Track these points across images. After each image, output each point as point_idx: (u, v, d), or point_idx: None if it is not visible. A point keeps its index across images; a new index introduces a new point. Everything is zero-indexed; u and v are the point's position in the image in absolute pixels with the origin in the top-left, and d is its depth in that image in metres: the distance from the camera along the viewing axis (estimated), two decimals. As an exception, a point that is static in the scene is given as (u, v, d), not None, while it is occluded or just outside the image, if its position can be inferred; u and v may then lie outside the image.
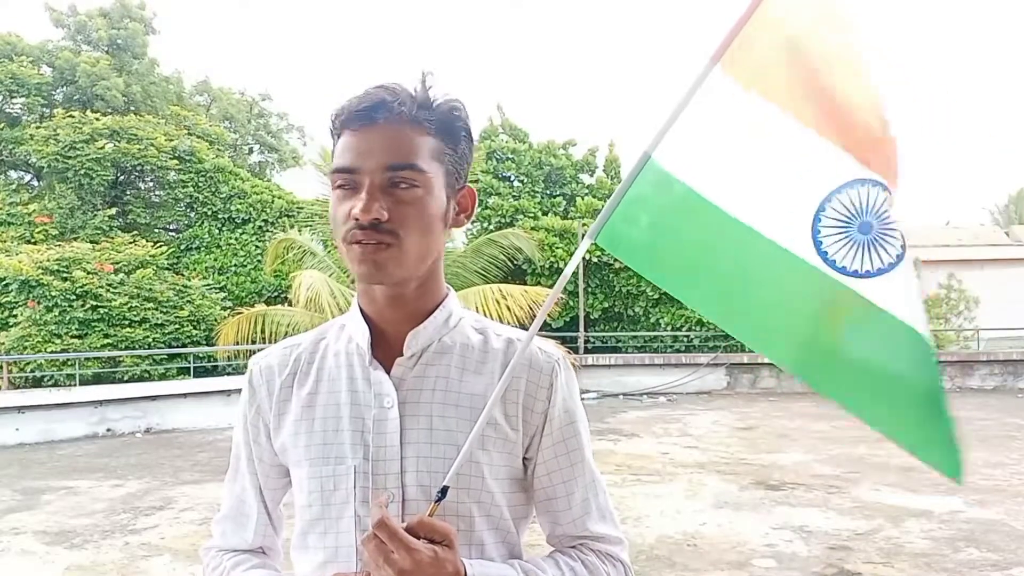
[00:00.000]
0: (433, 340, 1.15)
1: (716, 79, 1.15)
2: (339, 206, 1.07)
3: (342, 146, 1.07)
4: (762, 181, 1.18)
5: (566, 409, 1.17)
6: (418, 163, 1.06)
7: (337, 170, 1.07)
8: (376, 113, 1.05)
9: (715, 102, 1.15)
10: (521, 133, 18.93)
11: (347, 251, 1.06)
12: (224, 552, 1.26)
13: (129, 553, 5.82)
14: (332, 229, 1.10)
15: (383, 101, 1.05)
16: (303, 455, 1.13)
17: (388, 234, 1.04)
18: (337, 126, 1.09)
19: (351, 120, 1.07)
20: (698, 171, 1.17)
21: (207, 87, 23.84)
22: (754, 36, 1.16)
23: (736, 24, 1.15)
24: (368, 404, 1.12)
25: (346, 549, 1.10)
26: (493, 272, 14.19)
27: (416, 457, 1.09)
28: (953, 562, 5.30)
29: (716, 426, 11.49)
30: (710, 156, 1.18)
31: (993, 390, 15.10)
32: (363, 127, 1.06)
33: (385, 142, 1.05)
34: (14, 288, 12.78)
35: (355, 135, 1.06)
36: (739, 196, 1.18)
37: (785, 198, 1.18)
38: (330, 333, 1.22)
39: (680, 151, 1.16)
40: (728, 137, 1.18)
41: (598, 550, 1.18)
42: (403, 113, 1.06)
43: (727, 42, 1.15)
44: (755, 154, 1.18)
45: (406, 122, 1.06)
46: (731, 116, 1.17)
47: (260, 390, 1.20)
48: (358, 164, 1.05)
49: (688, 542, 5.84)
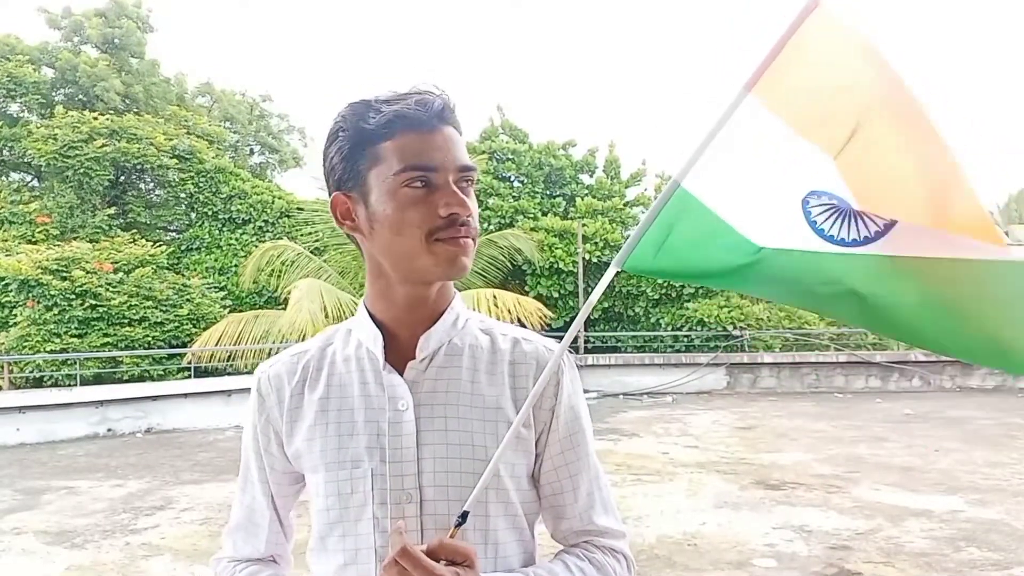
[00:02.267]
0: (443, 342, 1.17)
1: (747, 106, 1.15)
2: (414, 206, 1.07)
3: (413, 146, 1.07)
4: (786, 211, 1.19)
5: (571, 406, 1.20)
6: (474, 165, 1.12)
7: (414, 168, 1.06)
8: (445, 116, 1.09)
9: (747, 130, 1.16)
10: (521, 134, 18.94)
11: (431, 249, 1.07)
12: (237, 563, 1.27)
13: (129, 553, 5.82)
14: (394, 232, 1.08)
15: (446, 105, 1.09)
16: (319, 460, 1.14)
17: (472, 229, 1.09)
18: (394, 127, 1.07)
19: (424, 122, 1.08)
20: (727, 199, 1.18)
21: (208, 88, 23.84)
22: (787, 65, 1.15)
23: (771, 52, 1.16)
24: (382, 407, 1.13)
25: (365, 551, 1.11)
26: (493, 273, 14.20)
27: (433, 459, 1.11)
28: (954, 562, 5.30)
29: (716, 426, 11.48)
30: (739, 184, 1.19)
31: (993, 390, 15.10)
32: (435, 128, 1.08)
33: (454, 144, 1.09)
34: (14, 288, 12.78)
35: (428, 135, 1.08)
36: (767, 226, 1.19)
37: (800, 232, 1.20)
38: (337, 338, 1.23)
39: (709, 178, 1.17)
40: (756, 165, 1.19)
41: (602, 546, 1.21)
42: (454, 116, 1.12)
43: (761, 70, 1.15)
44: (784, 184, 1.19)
45: (456, 126, 1.12)
46: (760, 144, 1.17)
47: (269, 398, 1.20)
48: (438, 163, 1.07)
49: (688, 542, 5.84)
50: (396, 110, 1.07)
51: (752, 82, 1.15)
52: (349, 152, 1.10)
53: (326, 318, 10.50)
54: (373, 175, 1.08)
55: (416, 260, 1.08)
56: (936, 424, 11.13)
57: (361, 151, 1.09)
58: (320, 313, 10.49)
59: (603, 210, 17.30)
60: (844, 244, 1.19)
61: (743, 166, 1.18)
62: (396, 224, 1.08)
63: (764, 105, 1.16)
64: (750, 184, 1.19)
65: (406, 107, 1.07)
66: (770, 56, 1.15)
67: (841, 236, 1.19)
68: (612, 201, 17.66)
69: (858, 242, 1.19)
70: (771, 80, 1.15)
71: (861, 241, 1.19)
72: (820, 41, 1.17)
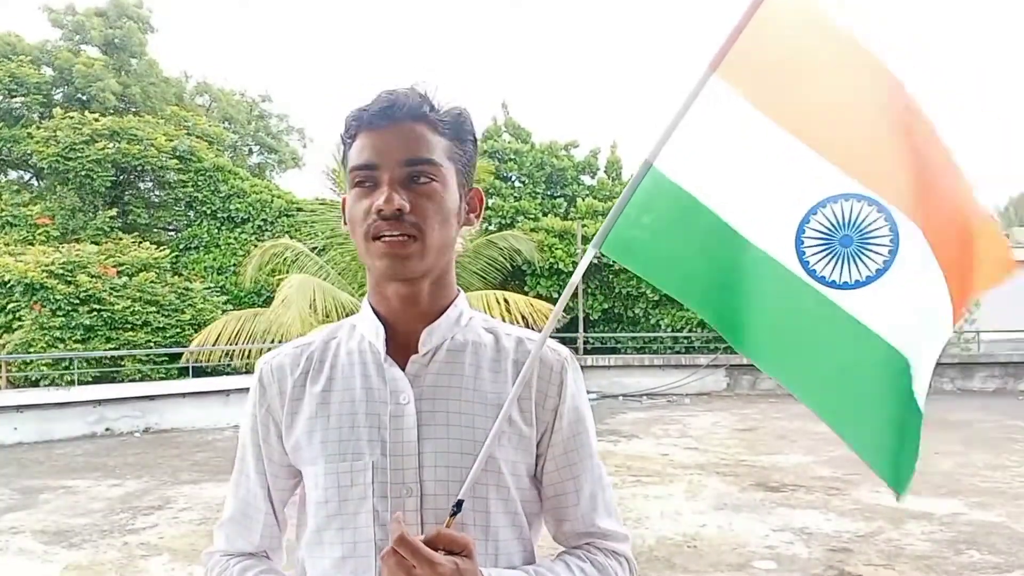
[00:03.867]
0: (446, 338, 1.17)
1: (714, 86, 1.17)
2: (358, 204, 1.10)
3: (359, 146, 1.11)
4: (754, 189, 1.21)
5: (575, 406, 1.20)
6: (434, 157, 1.10)
7: (356, 167, 1.10)
8: (392, 112, 1.09)
9: (712, 109, 1.17)
10: (524, 133, 18.93)
11: (368, 247, 1.09)
12: (230, 557, 1.26)
13: (127, 553, 5.80)
14: (350, 229, 1.13)
15: (398, 101, 1.10)
16: (319, 452, 1.14)
17: (411, 226, 1.07)
18: (352, 131, 1.12)
19: (368, 121, 1.10)
20: (698, 177, 1.19)
21: (207, 88, 23.86)
22: (750, 43, 1.17)
23: (733, 31, 1.17)
24: (384, 400, 1.14)
25: (364, 544, 1.11)
26: (493, 274, 14.19)
27: (434, 452, 1.11)
28: (954, 564, 5.28)
29: (716, 427, 11.47)
30: (709, 163, 1.20)
31: (994, 392, 15.09)
32: (380, 126, 1.09)
33: (402, 138, 1.09)
34: (18, 291, 12.75)
35: (372, 134, 1.10)
36: (734, 203, 1.20)
37: (773, 208, 1.21)
38: (341, 332, 1.24)
39: (681, 158, 1.18)
40: (725, 144, 1.20)
41: (604, 548, 1.21)
42: (417, 112, 1.10)
43: (724, 49, 1.17)
44: (748, 161, 1.21)
45: (420, 121, 1.10)
46: (727, 123, 1.19)
47: (271, 389, 1.20)
48: (377, 160, 1.08)
49: (688, 543, 5.82)
50: (356, 112, 1.12)
51: (716, 62, 1.17)
52: (342, 156, 1.17)
53: (314, 314, 10.45)
54: (348, 177, 1.14)
55: (365, 258, 1.12)
56: (936, 427, 11.12)
57: (346, 154, 1.14)
58: (308, 310, 10.44)
59: (603, 211, 17.28)
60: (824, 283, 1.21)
61: (715, 148, 1.20)
62: (350, 223, 1.13)
63: (729, 84, 1.17)
64: (727, 168, 1.21)
65: (368, 109, 1.11)
66: (733, 34, 1.17)
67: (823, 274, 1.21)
68: (612, 202, 17.64)
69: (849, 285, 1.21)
70: (735, 59, 1.17)
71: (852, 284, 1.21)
72: (783, 17, 1.18)
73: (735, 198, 1.20)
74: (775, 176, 1.20)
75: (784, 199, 1.20)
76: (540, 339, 1.16)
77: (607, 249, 1.20)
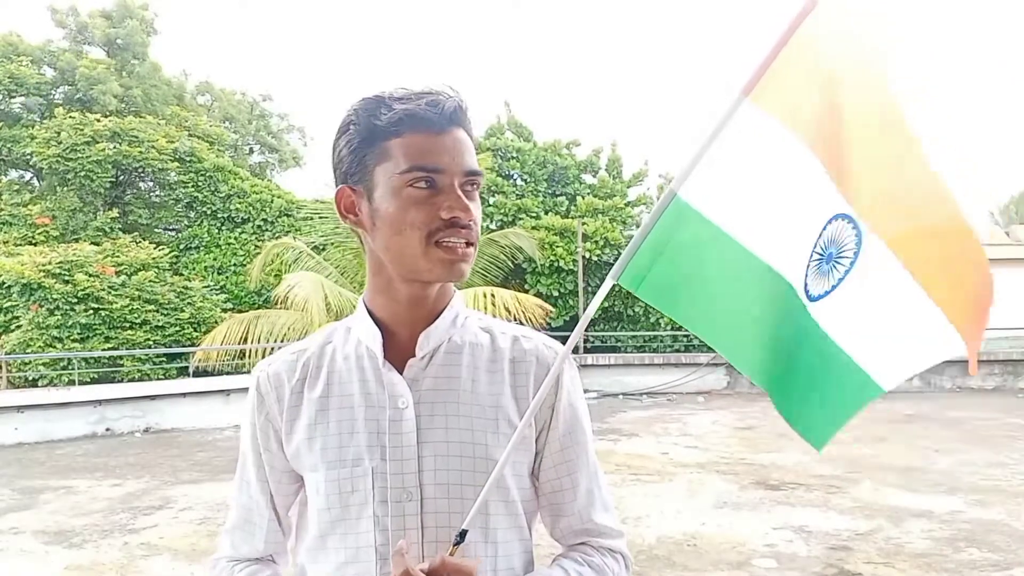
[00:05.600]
0: (443, 340, 1.17)
1: (745, 111, 1.13)
2: (416, 207, 1.07)
3: (421, 145, 1.07)
4: (779, 216, 1.18)
5: (571, 403, 1.20)
6: (481, 171, 1.12)
7: (420, 168, 1.06)
8: (454, 117, 1.09)
9: (743, 134, 1.13)
10: (526, 131, 18.95)
11: (428, 252, 1.07)
12: (235, 563, 1.26)
13: (128, 553, 5.81)
14: (394, 231, 1.08)
15: (458, 107, 1.09)
16: (319, 459, 1.14)
17: (472, 234, 1.09)
18: (403, 126, 1.07)
19: (433, 122, 1.07)
20: (724, 207, 1.16)
21: (208, 87, 23.85)
22: (785, 68, 1.13)
23: (768, 56, 1.13)
24: (382, 405, 1.13)
25: (365, 550, 1.11)
26: (494, 272, 14.19)
27: (434, 456, 1.11)
28: (954, 562, 5.29)
29: (716, 426, 11.48)
30: (736, 190, 1.16)
31: (993, 390, 15.09)
32: (442, 130, 1.07)
33: (463, 147, 1.09)
34: (16, 291, 12.74)
35: (437, 137, 1.07)
36: (761, 234, 1.17)
37: (796, 238, 1.19)
38: (336, 336, 1.23)
39: (706, 186, 1.14)
40: (754, 170, 1.16)
41: (600, 547, 1.22)
42: (465, 119, 1.11)
43: (758, 74, 1.13)
44: (775, 187, 1.18)
45: (466, 128, 1.12)
46: (759, 148, 1.15)
47: (268, 397, 1.19)
48: (444, 165, 1.07)
49: (688, 542, 5.82)
50: (407, 108, 1.07)
51: (749, 87, 1.13)
52: (358, 146, 1.10)
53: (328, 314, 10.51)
54: (379, 171, 1.08)
55: (414, 261, 1.08)
56: (936, 424, 11.12)
57: (370, 146, 1.09)
58: (324, 309, 10.50)
59: (604, 209, 17.29)
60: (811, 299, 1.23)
61: (744, 175, 1.16)
62: (397, 223, 1.07)
63: (762, 110, 1.13)
64: (755, 196, 1.17)
65: (417, 106, 1.07)
66: (768, 59, 1.13)
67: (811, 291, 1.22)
68: (613, 200, 17.66)
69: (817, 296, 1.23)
70: (769, 84, 1.13)
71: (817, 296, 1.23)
72: (818, 42, 1.14)
73: (764, 228, 1.17)
74: (797, 200, 1.18)
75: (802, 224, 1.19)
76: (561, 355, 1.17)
77: (625, 281, 1.17)
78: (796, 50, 1.13)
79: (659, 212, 1.14)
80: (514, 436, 1.10)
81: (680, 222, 1.14)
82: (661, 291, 1.18)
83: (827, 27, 1.14)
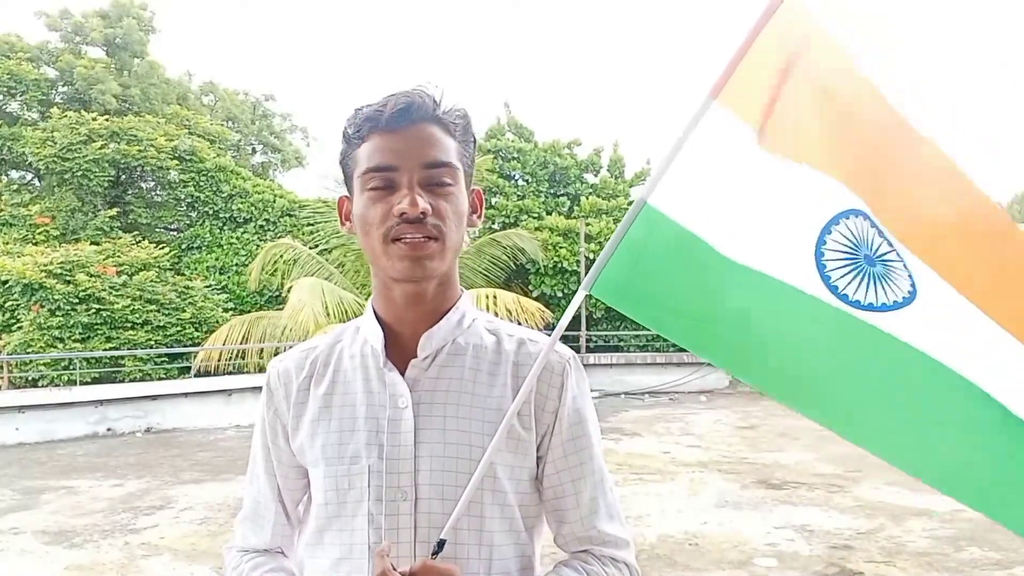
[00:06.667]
0: (447, 341, 1.17)
1: (713, 114, 1.11)
2: (374, 206, 1.09)
3: (374, 147, 1.09)
4: (761, 218, 1.15)
5: (576, 408, 1.19)
6: (451, 160, 1.11)
7: (373, 169, 1.09)
8: (410, 113, 1.08)
9: (713, 138, 1.12)
10: (527, 132, 18.94)
11: (387, 250, 1.08)
12: (244, 553, 1.28)
13: (129, 553, 5.81)
14: (361, 231, 1.12)
15: (414, 103, 1.09)
16: (320, 455, 1.15)
17: (432, 228, 1.07)
18: (363, 131, 1.10)
19: (383, 122, 1.09)
20: (698, 212, 1.13)
21: (213, 88, 23.88)
22: (751, 69, 1.12)
23: (733, 57, 1.12)
24: (383, 405, 1.14)
25: (360, 547, 1.11)
26: (496, 273, 14.20)
27: (430, 457, 1.11)
28: (955, 561, 5.27)
29: (718, 425, 11.47)
30: (709, 195, 1.14)
31: (996, 389, 15.05)
32: (397, 128, 1.08)
33: (421, 141, 1.09)
34: (17, 291, 12.76)
35: (389, 136, 1.09)
36: (738, 236, 1.14)
37: (785, 234, 1.14)
38: (345, 335, 1.24)
39: (678, 192, 1.12)
40: (727, 174, 1.14)
41: (602, 556, 1.19)
42: (432, 114, 1.10)
43: (725, 76, 1.12)
44: (752, 190, 1.14)
45: (435, 122, 1.11)
46: (729, 151, 1.13)
47: (278, 392, 1.22)
48: (396, 162, 1.07)
49: (689, 541, 5.81)
50: (367, 113, 1.10)
51: (717, 88, 1.11)
52: (342, 156, 1.15)
53: (328, 316, 10.52)
54: (355, 178, 1.12)
55: (379, 260, 1.10)
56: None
57: (347, 155, 1.14)
58: (323, 312, 10.51)
59: (607, 209, 17.29)
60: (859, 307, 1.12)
61: (716, 178, 1.13)
62: (363, 224, 1.11)
63: (732, 112, 1.11)
64: (727, 197, 1.14)
65: (376, 110, 1.09)
66: (734, 60, 1.11)
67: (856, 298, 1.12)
68: (616, 200, 17.66)
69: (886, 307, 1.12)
70: (737, 85, 1.11)
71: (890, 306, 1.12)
72: (785, 42, 1.13)
73: (741, 230, 1.13)
74: (782, 201, 1.14)
75: (797, 223, 1.14)
76: (544, 349, 1.14)
77: (598, 292, 1.14)
78: (765, 50, 1.11)
79: (629, 221, 1.13)
80: (497, 434, 1.09)
81: (652, 230, 1.12)
82: (635, 300, 1.15)
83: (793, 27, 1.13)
